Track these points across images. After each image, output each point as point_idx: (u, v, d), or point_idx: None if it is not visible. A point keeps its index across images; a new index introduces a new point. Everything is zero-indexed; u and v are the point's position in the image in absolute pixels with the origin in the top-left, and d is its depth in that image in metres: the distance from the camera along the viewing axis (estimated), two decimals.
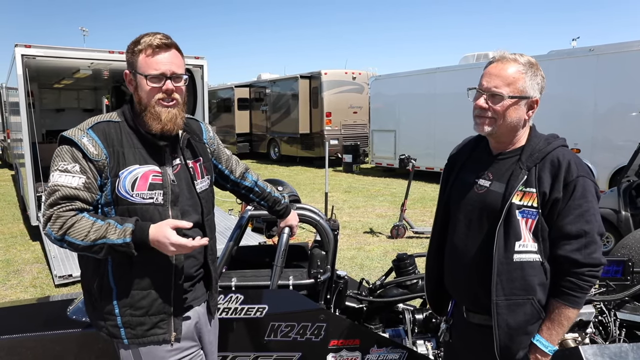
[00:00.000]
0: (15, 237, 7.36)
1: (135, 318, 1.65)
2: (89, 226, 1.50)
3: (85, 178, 1.55)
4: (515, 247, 1.56)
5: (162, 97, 1.61)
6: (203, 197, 1.77)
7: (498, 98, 1.58)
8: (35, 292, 5.09)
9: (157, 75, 1.60)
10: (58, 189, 1.52)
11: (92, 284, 1.67)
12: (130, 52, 1.63)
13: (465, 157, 1.83)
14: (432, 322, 2.75)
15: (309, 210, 2.60)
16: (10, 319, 2.48)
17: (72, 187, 1.53)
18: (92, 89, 12.94)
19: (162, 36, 1.62)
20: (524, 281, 1.57)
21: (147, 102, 1.62)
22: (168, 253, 1.55)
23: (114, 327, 1.66)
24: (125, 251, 1.51)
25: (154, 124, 1.62)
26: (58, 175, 1.54)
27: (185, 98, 1.70)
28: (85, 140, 1.58)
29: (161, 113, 1.61)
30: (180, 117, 1.66)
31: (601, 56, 8.95)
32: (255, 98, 18.69)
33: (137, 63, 1.62)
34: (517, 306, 1.57)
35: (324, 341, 2.36)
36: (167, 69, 1.61)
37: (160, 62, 1.60)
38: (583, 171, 1.56)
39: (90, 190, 1.56)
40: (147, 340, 1.66)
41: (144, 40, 1.61)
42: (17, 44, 6.42)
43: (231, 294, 2.27)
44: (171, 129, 1.63)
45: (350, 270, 5.48)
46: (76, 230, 1.50)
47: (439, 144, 12.02)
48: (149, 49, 1.60)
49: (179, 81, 1.65)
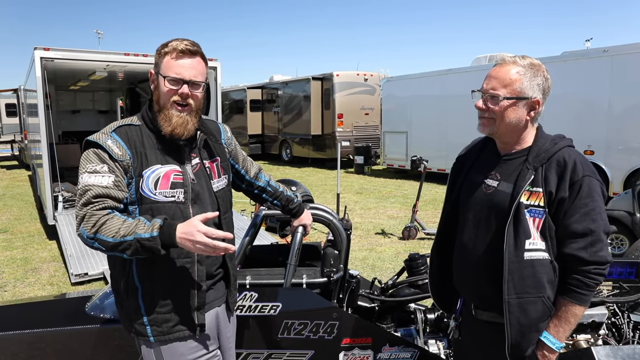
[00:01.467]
0: (33, 236, 7.51)
1: (161, 315, 1.69)
2: (119, 224, 1.53)
3: (115, 177, 1.60)
4: (525, 245, 1.58)
5: (177, 99, 1.66)
6: (219, 196, 1.82)
7: (495, 99, 1.62)
8: (52, 289, 5.19)
9: (176, 78, 1.65)
10: (90, 188, 1.57)
11: (119, 283, 1.73)
12: (158, 53, 1.69)
13: (473, 157, 1.86)
14: (444, 322, 2.76)
15: (322, 209, 2.63)
16: (30, 314, 2.54)
17: (103, 186, 1.57)
18: (107, 90, 13.14)
19: (189, 43, 1.68)
20: (534, 279, 1.59)
21: (163, 103, 1.68)
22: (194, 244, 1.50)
23: (140, 325, 1.71)
24: (152, 246, 1.50)
25: (165, 125, 1.67)
26: (88, 176, 1.59)
27: (201, 105, 1.74)
28: (110, 142, 1.64)
29: (172, 116, 1.66)
30: (192, 123, 1.70)
31: (615, 57, 8.85)
32: (267, 99, 18.77)
33: (161, 64, 1.67)
34: (529, 304, 1.59)
35: (337, 339, 2.38)
36: (187, 74, 1.65)
37: (182, 67, 1.65)
38: (589, 170, 1.58)
39: (120, 188, 1.61)
40: (173, 336, 1.70)
41: (171, 43, 1.67)
42: (37, 47, 6.55)
43: (246, 291, 2.31)
44: (180, 133, 1.67)
45: (362, 271, 5.49)
46: (107, 228, 1.52)
47: (451, 145, 11.96)
48: (174, 52, 1.65)
49: (196, 88, 1.69)
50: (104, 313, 2.38)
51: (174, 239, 1.51)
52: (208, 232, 1.49)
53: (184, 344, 1.73)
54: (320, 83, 16.10)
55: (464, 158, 1.92)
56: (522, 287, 1.59)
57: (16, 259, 6.28)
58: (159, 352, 1.72)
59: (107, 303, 2.46)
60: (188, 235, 1.50)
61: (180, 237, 1.51)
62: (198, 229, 1.49)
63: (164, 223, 1.53)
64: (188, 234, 1.50)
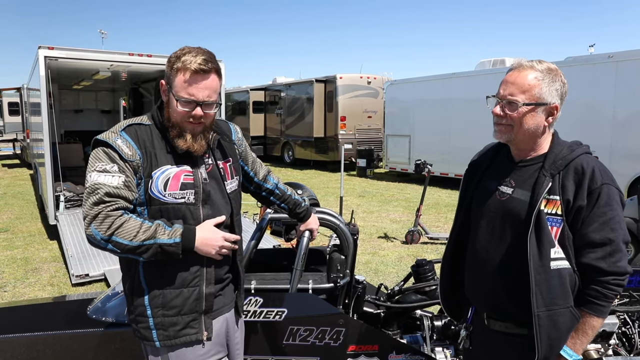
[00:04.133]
0: (34, 236, 7.47)
1: (168, 318, 1.66)
2: (137, 226, 1.51)
3: (125, 177, 1.56)
4: (550, 254, 1.53)
5: (190, 119, 1.63)
6: (232, 197, 1.79)
7: (514, 105, 1.58)
8: (53, 290, 5.15)
9: (189, 100, 1.60)
10: (100, 187, 1.52)
11: (126, 285, 1.70)
12: (169, 67, 1.62)
13: (486, 163, 1.82)
14: (451, 329, 2.71)
15: (329, 214, 2.59)
16: (31, 316, 2.50)
17: (114, 186, 1.53)
18: (110, 90, 13.13)
19: (203, 60, 1.58)
20: (562, 288, 1.53)
21: (174, 121, 1.64)
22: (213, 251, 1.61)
23: (145, 329, 1.67)
24: (174, 252, 1.55)
25: (180, 142, 1.63)
26: (97, 175, 1.54)
27: (214, 119, 1.71)
28: (120, 141, 1.60)
29: (186, 134, 1.63)
30: (205, 139, 1.68)
31: (620, 63, 8.83)
32: (270, 101, 18.78)
33: (173, 82, 1.61)
34: (559, 316, 1.53)
35: (343, 346, 2.34)
36: (200, 95, 1.60)
37: (195, 88, 1.59)
38: (607, 178, 1.54)
39: (131, 189, 1.57)
40: (180, 341, 1.66)
41: (185, 59, 1.58)
42: (41, 46, 6.53)
43: (251, 296, 2.27)
44: (197, 149, 1.65)
45: (365, 275, 5.44)
46: (125, 231, 1.50)
47: (454, 149, 11.95)
48: (187, 73, 1.58)
49: (210, 108, 1.64)
50: (106, 316, 2.34)
51: (192, 245, 1.55)
52: (227, 237, 1.56)
53: (192, 349, 1.69)
54: (323, 85, 16.10)
55: (477, 164, 1.88)
56: (551, 299, 1.53)
57: (16, 259, 6.24)
58: (166, 359, 1.68)
59: (109, 306, 2.43)
60: (212, 241, 1.56)
61: (202, 242, 1.56)
62: (222, 235, 1.55)
63: (184, 228, 1.55)
64: (212, 239, 1.56)
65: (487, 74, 11.26)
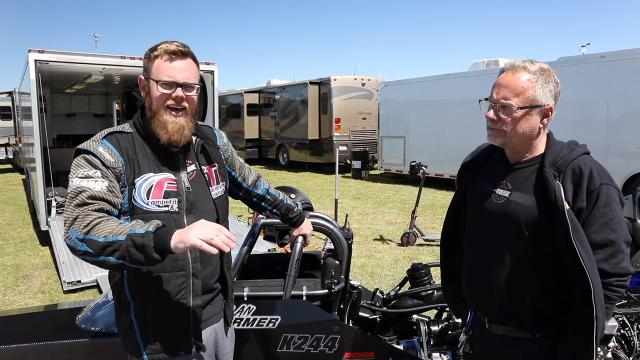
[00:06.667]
0: (25, 242, 7.38)
1: (155, 332, 1.61)
2: (114, 225, 1.40)
3: (108, 182, 1.51)
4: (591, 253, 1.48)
5: (171, 104, 1.59)
6: (218, 203, 1.74)
7: (508, 109, 1.54)
8: (44, 298, 5.07)
9: (169, 82, 1.57)
10: (84, 190, 1.46)
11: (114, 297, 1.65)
12: (147, 58, 1.62)
13: (479, 165, 1.79)
14: (448, 333, 2.68)
15: (323, 218, 2.54)
16: (20, 327, 2.45)
17: (97, 190, 1.48)
18: (104, 94, 13.05)
19: (179, 44, 1.61)
20: None
21: (156, 109, 1.60)
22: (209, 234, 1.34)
23: (133, 344, 1.62)
24: (144, 243, 1.34)
25: (161, 133, 1.59)
26: (79, 180, 1.48)
27: (196, 108, 1.67)
28: (101, 149, 1.55)
29: (168, 123, 1.58)
30: (188, 129, 1.62)
31: (613, 62, 8.88)
32: (264, 104, 18.73)
33: (151, 68, 1.60)
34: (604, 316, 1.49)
35: (338, 353, 2.30)
36: (180, 76, 1.58)
37: (174, 69, 1.58)
38: (606, 178, 1.52)
39: (115, 194, 1.52)
40: (168, 355, 1.61)
41: (161, 46, 1.59)
42: (31, 50, 6.47)
43: (243, 304, 2.22)
44: (178, 139, 1.60)
45: (361, 279, 5.41)
46: (101, 228, 1.38)
47: (449, 150, 11.96)
48: (165, 55, 1.58)
49: (190, 90, 1.62)
50: (95, 326, 2.29)
51: (168, 239, 1.35)
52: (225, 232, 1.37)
53: None
54: (317, 87, 16.09)
55: (469, 165, 1.84)
56: (601, 300, 1.47)
57: (7, 266, 6.15)
58: None
59: (98, 315, 2.38)
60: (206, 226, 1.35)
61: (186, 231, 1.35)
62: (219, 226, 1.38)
63: (162, 225, 1.41)
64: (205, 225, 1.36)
65: (481, 74, 11.29)
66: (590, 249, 1.46)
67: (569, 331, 1.52)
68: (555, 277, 1.55)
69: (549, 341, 1.58)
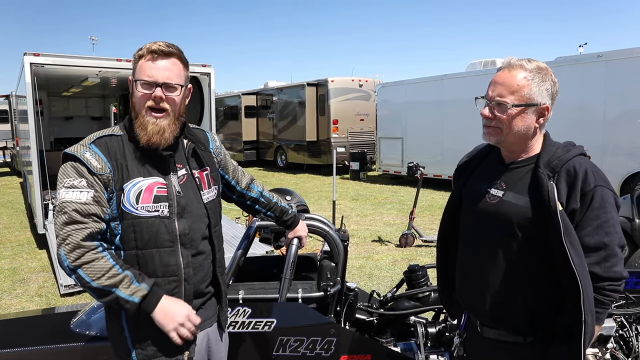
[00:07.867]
0: (22, 245, 7.35)
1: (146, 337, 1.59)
2: (105, 269, 1.47)
3: (94, 192, 1.50)
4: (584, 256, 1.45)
5: (151, 104, 1.56)
6: (210, 207, 1.71)
7: (503, 107, 1.52)
8: (41, 301, 5.05)
9: (149, 81, 1.55)
10: (68, 205, 1.48)
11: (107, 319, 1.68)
12: (133, 58, 1.61)
13: (474, 165, 1.78)
14: (445, 335, 2.66)
15: (318, 220, 2.53)
16: (14, 331, 2.43)
17: (82, 203, 1.48)
18: (101, 96, 13.02)
19: (164, 44, 1.57)
20: None
21: (138, 109, 1.58)
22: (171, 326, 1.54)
23: (124, 349, 1.62)
24: (129, 309, 1.50)
25: (141, 134, 1.57)
26: (65, 191, 1.49)
27: (180, 110, 1.63)
28: (88, 155, 1.54)
29: (148, 124, 1.56)
30: (169, 131, 1.59)
31: (610, 62, 8.87)
32: (262, 106, 18.72)
33: (135, 69, 1.59)
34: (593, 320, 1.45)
35: (334, 356, 2.28)
36: (160, 75, 1.55)
37: (155, 69, 1.55)
38: (601, 180, 1.49)
39: (101, 204, 1.51)
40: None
41: (146, 46, 1.58)
42: (26, 53, 6.45)
43: (238, 307, 2.21)
44: (157, 142, 1.57)
45: (359, 280, 5.39)
46: (92, 269, 1.46)
47: (447, 151, 11.95)
48: (148, 55, 1.57)
49: (172, 91, 1.58)
50: (90, 330, 2.27)
51: (151, 310, 1.51)
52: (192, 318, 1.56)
53: None
54: (315, 89, 16.07)
55: (466, 165, 1.83)
56: (590, 304, 1.43)
57: (4, 270, 6.13)
58: None
59: (93, 319, 2.36)
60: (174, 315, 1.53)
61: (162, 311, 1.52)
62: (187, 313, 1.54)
63: (150, 290, 1.51)
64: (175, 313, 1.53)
65: (478, 75, 11.28)
66: (582, 252, 1.44)
67: (560, 335, 1.50)
68: (547, 279, 1.52)
69: (541, 346, 1.55)
